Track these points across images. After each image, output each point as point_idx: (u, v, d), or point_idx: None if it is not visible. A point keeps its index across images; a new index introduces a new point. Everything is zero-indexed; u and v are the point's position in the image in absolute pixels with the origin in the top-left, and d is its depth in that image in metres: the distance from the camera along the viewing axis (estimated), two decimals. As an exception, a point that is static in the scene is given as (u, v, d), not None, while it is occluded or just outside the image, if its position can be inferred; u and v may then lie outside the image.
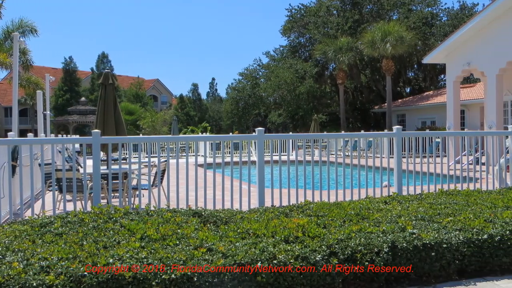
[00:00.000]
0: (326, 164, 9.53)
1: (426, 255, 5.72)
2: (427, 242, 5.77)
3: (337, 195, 9.41)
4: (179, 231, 5.88)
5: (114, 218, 6.51)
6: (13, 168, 9.09)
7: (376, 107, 49.14)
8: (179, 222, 6.38)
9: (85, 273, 4.55)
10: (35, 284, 4.39)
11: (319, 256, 5.27)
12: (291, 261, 5.12)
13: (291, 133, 37.89)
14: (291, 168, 9.26)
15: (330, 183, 9.42)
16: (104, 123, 11.54)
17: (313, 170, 9.35)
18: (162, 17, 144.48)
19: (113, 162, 15.75)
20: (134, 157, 23.34)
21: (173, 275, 4.68)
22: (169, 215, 6.75)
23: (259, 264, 4.99)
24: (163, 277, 4.65)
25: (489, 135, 11.74)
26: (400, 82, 55.55)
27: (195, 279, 4.72)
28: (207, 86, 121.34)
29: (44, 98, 27.54)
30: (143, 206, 7.69)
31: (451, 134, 16.03)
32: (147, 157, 9.50)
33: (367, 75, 54.75)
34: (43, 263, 4.71)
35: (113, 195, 10.94)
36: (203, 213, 6.91)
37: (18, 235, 5.80)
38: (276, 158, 10.96)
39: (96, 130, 8.91)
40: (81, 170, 11.34)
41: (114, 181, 10.10)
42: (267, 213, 7.14)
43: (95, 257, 4.88)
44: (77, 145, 18.56)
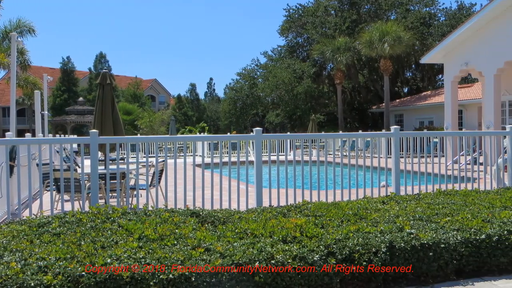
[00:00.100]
0: (324, 164, 9.53)
1: (424, 255, 5.72)
2: (425, 242, 5.78)
3: (335, 195, 9.42)
4: (177, 231, 5.88)
5: (112, 218, 6.51)
6: (11, 168, 9.08)
7: (374, 107, 49.15)
8: (177, 222, 6.38)
9: (83, 273, 4.55)
10: (33, 284, 4.38)
11: (317, 256, 5.27)
12: (289, 261, 5.12)
13: (289, 133, 37.87)
14: (289, 168, 9.25)
15: (328, 183, 9.42)
16: (102, 123, 11.54)
17: (311, 170, 9.35)
18: (160, 17, 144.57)
19: (111, 162, 15.73)
20: (132, 157, 23.31)
21: (171, 275, 4.67)
22: (167, 215, 6.75)
23: (257, 264, 4.99)
24: (161, 277, 4.64)
25: (487, 135, 11.75)
26: (398, 82, 55.58)
27: (193, 279, 4.72)
28: (205, 86, 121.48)
29: (42, 98, 27.49)
30: (141, 206, 7.69)
31: (449, 134, 16.04)
32: (145, 157, 9.49)
33: (365, 75, 54.75)
34: (41, 263, 4.71)
35: (111, 195, 10.94)
36: (201, 213, 6.91)
37: (16, 235, 5.80)
38: (274, 158, 10.96)
39: (94, 130, 8.90)
40: (79, 170, 11.34)
41: (112, 181, 10.10)
42: (265, 213, 7.14)
43: (93, 257, 4.88)
44: (75, 145, 18.55)
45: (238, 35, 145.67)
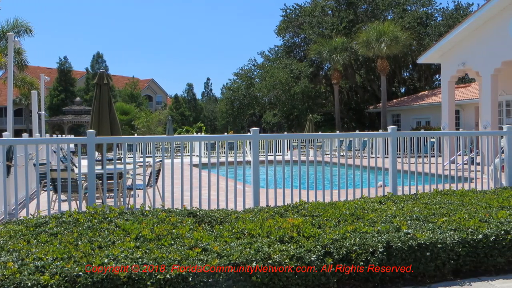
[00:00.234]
0: (321, 164, 9.53)
1: (421, 255, 5.73)
2: (422, 242, 5.78)
3: (332, 195, 9.42)
4: (174, 231, 5.88)
5: (109, 218, 6.50)
6: (8, 168, 9.07)
7: (371, 107, 49.17)
8: (174, 222, 6.38)
9: (80, 273, 4.55)
10: (30, 284, 4.38)
11: (314, 256, 5.27)
12: (286, 261, 5.12)
13: (286, 133, 37.91)
14: (286, 168, 9.25)
15: (325, 183, 9.42)
16: (99, 123, 11.53)
17: (308, 170, 9.35)
18: (157, 17, 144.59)
19: (108, 162, 15.73)
20: (129, 157, 23.28)
21: (168, 275, 4.67)
22: (164, 215, 6.75)
23: (254, 264, 4.99)
24: (158, 277, 4.64)
25: (484, 135, 11.77)
26: (395, 82, 55.62)
27: (190, 279, 4.72)
28: (202, 86, 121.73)
29: (39, 98, 27.52)
30: (138, 206, 7.68)
31: (446, 134, 16.04)
32: (142, 157, 9.49)
33: (362, 75, 54.77)
34: (38, 263, 4.70)
35: (108, 195, 10.93)
36: (198, 213, 6.91)
37: (13, 235, 5.79)
38: (271, 158, 10.96)
39: (91, 130, 8.89)
40: (76, 170, 11.33)
41: (109, 181, 10.09)
42: (262, 213, 7.14)
43: (90, 257, 4.88)
44: (72, 145, 18.53)
45: (235, 35, 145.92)
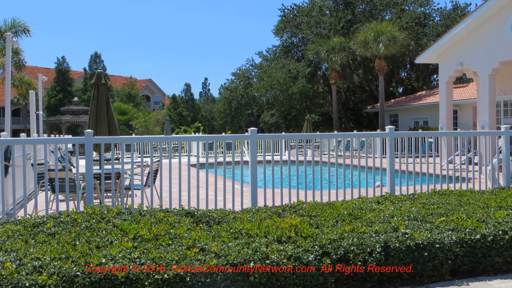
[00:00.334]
0: (318, 164, 9.54)
1: (418, 255, 5.73)
2: (420, 242, 5.78)
3: (329, 195, 9.42)
4: (171, 231, 5.88)
5: (106, 218, 6.50)
6: (6, 168, 9.06)
7: (368, 107, 49.20)
8: (171, 222, 6.38)
9: (78, 273, 4.54)
10: (27, 284, 4.37)
11: (312, 256, 5.27)
12: (284, 261, 5.12)
13: (283, 133, 37.88)
14: (283, 168, 9.25)
15: (322, 183, 9.43)
16: (96, 123, 11.53)
17: (305, 170, 9.35)
18: (155, 17, 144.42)
19: (105, 162, 15.72)
20: (126, 157, 23.28)
21: (166, 275, 4.67)
22: (162, 215, 6.74)
23: (251, 264, 4.99)
24: (156, 277, 4.64)
25: (482, 135, 11.77)
26: (392, 82, 55.66)
27: (188, 279, 4.72)
28: (199, 86, 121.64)
29: (36, 98, 27.48)
30: (136, 206, 7.67)
31: (444, 134, 16.06)
32: (139, 157, 9.48)
33: (359, 75, 54.81)
34: (36, 263, 4.70)
35: (106, 195, 10.92)
36: (196, 213, 6.91)
37: (10, 235, 5.78)
38: (268, 158, 10.96)
39: (89, 130, 8.89)
40: (74, 170, 11.32)
41: (107, 181, 10.09)
42: (260, 213, 7.14)
43: (87, 257, 4.87)
44: (70, 145, 18.51)
45: (233, 35, 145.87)
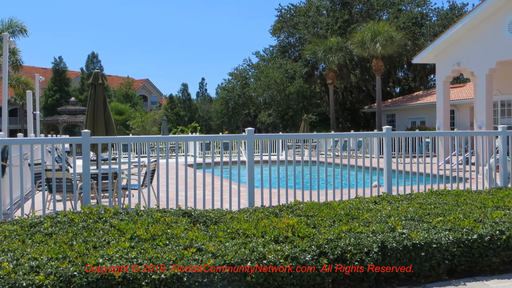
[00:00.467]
0: (316, 164, 9.53)
1: (415, 255, 5.73)
2: (417, 242, 5.79)
3: (327, 195, 9.42)
4: (169, 231, 5.88)
5: (104, 218, 6.49)
6: (3, 168, 9.05)
7: (366, 107, 49.22)
8: (169, 222, 6.38)
9: (75, 273, 4.54)
10: (25, 284, 4.37)
11: (309, 256, 5.28)
12: (281, 261, 5.12)
13: (281, 133, 37.89)
14: (281, 168, 9.25)
15: (320, 183, 9.42)
16: (94, 123, 11.52)
17: (302, 170, 9.35)
18: (152, 17, 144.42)
19: (103, 162, 15.70)
20: (124, 157, 23.24)
21: (163, 275, 4.67)
22: (159, 215, 6.74)
23: (248, 264, 4.99)
24: (153, 277, 4.64)
25: (479, 135, 11.79)
26: (390, 82, 55.70)
27: (185, 279, 4.72)
28: (197, 86, 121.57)
29: (33, 98, 27.42)
30: (133, 206, 7.67)
31: (441, 134, 16.08)
32: (137, 157, 9.48)
33: (357, 75, 54.84)
34: (33, 263, 4.69)
35: (103, 195, 10.91)
36: (193, 213, 6.91)
37: (7, 235, 5.78)
38: (266, 158, 10.96)
39: (86, 130, 8.88)
40: (71, 170, 11.31)
41: (104, 181, 10.08)
42: (257, 213, 7.14)
43: (85, 257, 4.87)
44: (67, 145, 18.50)
45: (230, 35, 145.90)
